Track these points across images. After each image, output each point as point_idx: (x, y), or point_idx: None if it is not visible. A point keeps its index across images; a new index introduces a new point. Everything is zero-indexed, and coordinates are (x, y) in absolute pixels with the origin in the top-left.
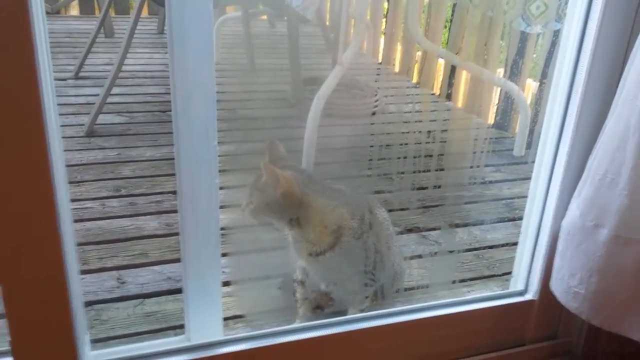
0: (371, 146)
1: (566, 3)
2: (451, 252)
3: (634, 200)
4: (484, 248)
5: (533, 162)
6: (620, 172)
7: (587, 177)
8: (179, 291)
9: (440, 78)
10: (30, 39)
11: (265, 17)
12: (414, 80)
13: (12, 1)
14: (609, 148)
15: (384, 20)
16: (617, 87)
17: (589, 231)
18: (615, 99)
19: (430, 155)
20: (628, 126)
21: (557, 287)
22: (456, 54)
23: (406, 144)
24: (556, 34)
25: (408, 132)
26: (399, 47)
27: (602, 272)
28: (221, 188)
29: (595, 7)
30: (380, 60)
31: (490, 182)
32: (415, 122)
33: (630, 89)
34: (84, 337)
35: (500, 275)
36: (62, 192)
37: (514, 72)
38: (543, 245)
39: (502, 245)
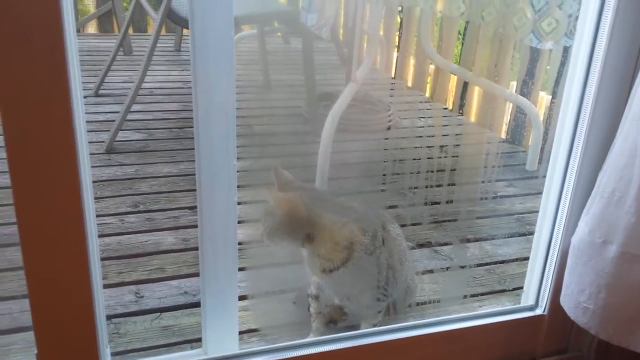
0: (385, 161)
1: (576, 20)
2: (463, 267)
3: None
4: (496, 263)
5: (545, 176)
6: (628, 190)
7: (596, 194)
8: (195, 305)
9: (453, 93)
10: (64, 55)
11: (280, 34)
12: (427, 95)
13: (47, 19)
14: (617, 166)
15: (397, 35)
16: (625, 104)
17: (597, 248)
18: (623, 118)
19: (443, 170)
20: (635, 145)
21: (567, 303)
22: (470, 70)
23: (419, 158)
24: (567, 50)
25: (421, 147)
26: (412, 62)
27: (611, 287)
28: (238, 203)
29: (604, 26)
30: (393, 76)
31: (503, 196)
32: (429, 137)
33: (637, 108)
34: (105, 350)
35: (511, 290)
36: (90, 206)
37: (527, 86)
38: (553, 261)
39: (514, 260)
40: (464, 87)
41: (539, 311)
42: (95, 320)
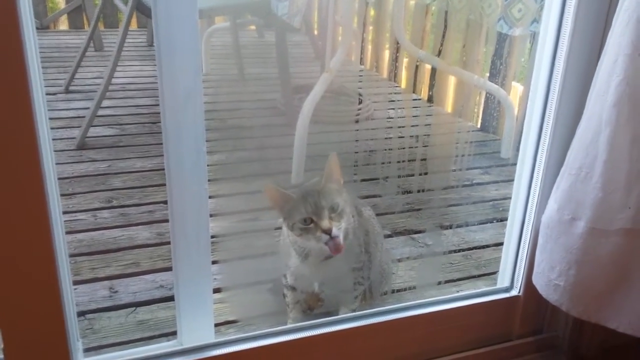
0: (361, 152)
1: None
2: (440, 253)
3: (607, 192)
4: (473, 249)
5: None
6: (594, 165)
7: (564, 171)
8: (170, 299)
9: (427, 84)
10: (22, 53)
11: (253, 27)
12: (402, 85)
13: (3, 16)
14: (584, 143)
15: (371, 27)
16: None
17: (566, 224)
18: (589, 95)
19: (419, 159)
20: (600, 121)
21: (539, 281)
22: (437, 55)
23: (395, 148)
24: (537, 36)
25: (397, 137)
26: (386, 53)
27: (580, 264)
28: (212, 197)
29: (569, 10)
30: (368, 67)
31: (478, 184)
32: (404, 127)
33: (601, 85)
34: (76, 344)
35: (489, 274)
36: (55, 203)
37: (500, 76)
38: (527, 242)
39: (489, 246)
40: (433, 76)
41: (514, 292)
42: (64, 315)
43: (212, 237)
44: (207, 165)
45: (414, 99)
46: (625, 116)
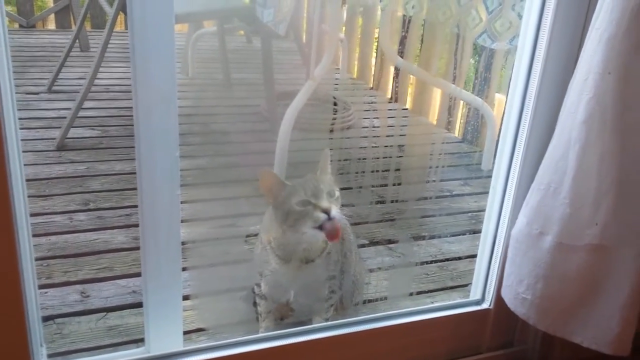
0: (344, 160)
1: None
2: (416, 264)
3: (575, 208)
4: (449, 260)
5: None
6: (563, 181)
7: (534, 186)
8: (142, 305)
9: (413, 93)
10: None
11: (242, 32)
12: (387, 95)
13: None
14: (554, 158)
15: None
16: None
17: (534, 239)
18: (560, 112)
19: (401, 169)
20: (570, 137)
21: (507, 294)
22: (416, 64)
23: (378, 157)
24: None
25: (380, 146)
26: (372, 63)
27: (547, 278)
28: (189, 202)
29: (544, 27)
30: (355, 76)
31: (458, 195)
32: (388, 136)
33: (572, 102)
34: (40, 350)
35: (463, 286)
36: (21, 205)
37: (477, 87)
38: (498, 255)
39: (465, 257)
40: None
41: (485, 305)
42: (26, 320)
43: (185, 243)
44: (187, 170)
45: (397, 109)
46: (594, 133)
